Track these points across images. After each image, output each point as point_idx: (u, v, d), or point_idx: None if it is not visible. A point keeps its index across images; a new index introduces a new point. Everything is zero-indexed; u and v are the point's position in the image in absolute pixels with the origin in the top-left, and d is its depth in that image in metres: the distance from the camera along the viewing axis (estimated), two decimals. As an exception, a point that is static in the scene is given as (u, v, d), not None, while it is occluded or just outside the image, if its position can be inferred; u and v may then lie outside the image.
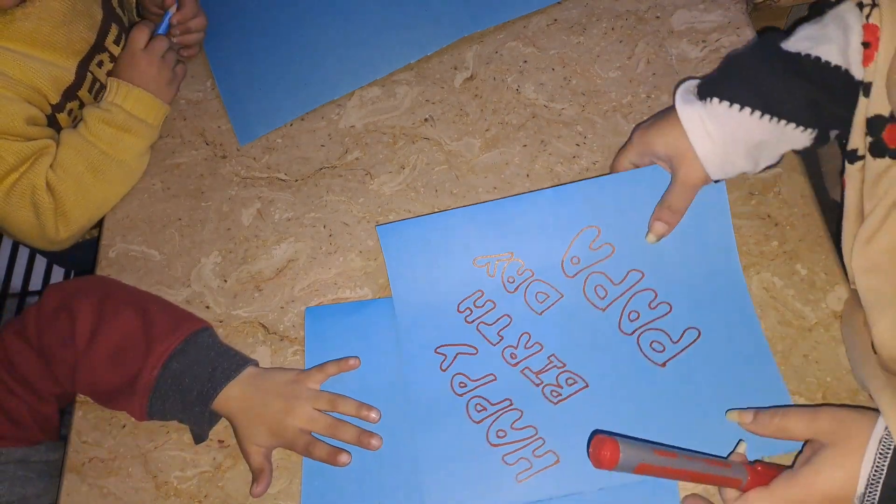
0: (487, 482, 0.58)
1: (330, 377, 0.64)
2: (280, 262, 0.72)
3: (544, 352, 0.62)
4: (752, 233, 0.66)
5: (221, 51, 0.87)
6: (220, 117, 0.82)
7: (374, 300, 0.68)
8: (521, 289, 0.65)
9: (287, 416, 0.61)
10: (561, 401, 0.60)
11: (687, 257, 0.63)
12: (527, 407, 0.60)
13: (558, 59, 0.78)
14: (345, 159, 0.77)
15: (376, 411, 0.61)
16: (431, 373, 0.63)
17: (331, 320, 0.68)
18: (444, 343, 0.64)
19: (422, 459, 0.60)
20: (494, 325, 0.64)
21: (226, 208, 0.76)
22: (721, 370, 0.59)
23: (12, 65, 0.73)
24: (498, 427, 0.60)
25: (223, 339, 0.68)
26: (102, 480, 0.64)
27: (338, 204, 0.75)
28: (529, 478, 0.57)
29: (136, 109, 0.77)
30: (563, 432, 0.59)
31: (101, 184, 0.76)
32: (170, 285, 0.73)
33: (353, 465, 0.61)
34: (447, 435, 0.60)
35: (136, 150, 0.78)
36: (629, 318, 0.62)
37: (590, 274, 0.64)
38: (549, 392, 0.60)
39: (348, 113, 0.80)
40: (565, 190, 0.66)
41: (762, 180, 0.68)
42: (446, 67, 0.80)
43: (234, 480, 0.62)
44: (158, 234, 0.76)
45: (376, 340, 0.66)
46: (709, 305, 0.62)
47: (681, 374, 0.60)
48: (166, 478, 0.63)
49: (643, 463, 0.48)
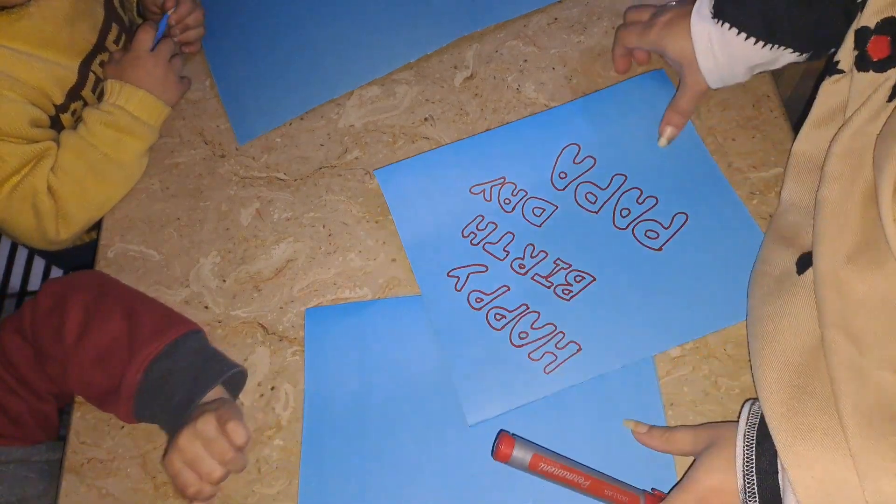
0: (519, 380, 0.62)
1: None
2: (279, 262, 0.72)
3: (550, 257, 0.67)
4: (753, 233, 0.65)
5: (221, 50, 0.87)
6: (219, 117, 0.82)
7: (374, 301, 0.68)
8: (517, 207, 0.70)
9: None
10: (573, 296, 0.65)
11: (660, 153, 0.70)
12: (543, 308, 0.64)
13: (559, 58, 0.78)
14: (344, 159, 0.77)
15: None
16: (448, 295, 0.66)
17: (331, 321, 0.68)
18: (455, 266, 0.68)
19: (455, 375, 0.63)
20: (499, 244, 0.68)
21: (225, 208, 0.76)
22: (712, 244, 0.65)
23: (17, 65, 0.73)
24: (519, 330, 0.64)
25: (223, 340, 0.68)
26: (101, 481, 0.64)
27: (337, 204, 0.74)
28: (556, 368, 0.62)
29: (138, 111, 0.77)
30: (580, 323, 0.63)
31: (101, 186, 0.76)
32: (168, 285, 0.72)
33: (352, 465, 0.60)
34: (474, 348, 0.64)
35: (137, 152, 0.78)
36: (621, 215, 0.67)
37: (578, 184, 0.70)
38: (560, 291, 0.65)
39: (348, 112, 0.79)
40: (542, 116, 0.74)
41: (763, 180, 0.67)
42: (446, 67, 0.80)
43: (233, 481, 0.62)
44: (157, 234, 0.76)
45: (377, 341, 0.66)
46: (690, 190, 0.67)
47: (677, 254, 0.65)
48: (165, 478, 0.63)
49: (536, 454, 0.53)
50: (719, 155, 0.69)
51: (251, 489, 0.62)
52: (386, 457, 0.61)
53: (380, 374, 0.64)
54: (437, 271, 0.68)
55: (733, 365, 0.60)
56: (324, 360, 0.66)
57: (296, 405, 0.65)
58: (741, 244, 0.64)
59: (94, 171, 0.75)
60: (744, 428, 0.52)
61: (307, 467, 0.61)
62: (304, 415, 0.64)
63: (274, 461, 0.63)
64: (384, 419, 0.62)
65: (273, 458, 0.63)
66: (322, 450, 0.62)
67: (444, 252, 0.69)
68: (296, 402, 0.65)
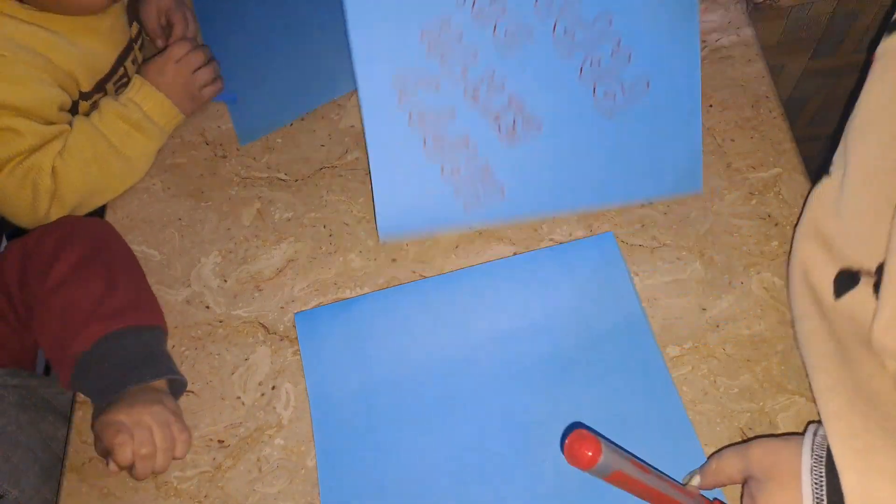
0: (440, 209, 0.64)
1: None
2: (280, 262, 0.72)
3: (505, 92, 0.64)
4: (752, 233, 0.66)
5: (221, 50, 0.87)
6: (221, 117, 0.82)
7: (362, 296, 0.68)
8: (490, 22, 0.63)
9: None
10: (515, 142, 0.65)
11: (652, 6, 0.65)
12: (482, 145, 0.64)
13: (558, 59, 0.78)
14: (345, 159, 0.77)
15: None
16: (389, 105, 0.63)
17: (322, 322, 0.68)
18: (403, 67, 0.62)
19: (376, 187, 0.64)
20: (459, 59, 0.63)
21: (226, 208, 0.76)
22: (661, 120, 0.65)
23: (55, 49, 0.74)
24: (453, 164, 0.64)
25: (224, 339, 0.69)
26: (102, 480, 0.64)
27: (338, 204, 0.75)
28: (476, 207, 0.65)
29: (153, 111, 0.77)
30: (511, 170, 0.65)
31: (103, 176, 0.76)
32: (170, 285, 0.73)
33: (366, 460, 0.61)
34: (402, 165, 0.63)
35: (144, 150, 0.78)
36: (589, 65, 0.64)
37: (561, 14, 0.63)
38: (505, 132, 0.65)
39: (348, 113, 0.80)
40: None
41: (762, 180, 0.68)
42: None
43: (234, 480, 0.62)
44: (158, 234, 0.76)
45: (371, 335, 0.66)
46: (663, 57, 0.65)
47: (625, 124, 0.65)
48: (166, 478, 0.63)
49: (619, 471, 0.44)
50: (718, 155, 0.69)
51: (252, 488, 0.62)
52: (398, 447, 0.61)
53: (380, 367, 0.64)
54: (383, 76, 0.62)
55: (732, 364, 0.61)
56: (321, 362, 0.66)
57: (297, 404, 0.65)
58: (683, 131, 0.65)
59: (99, 161, 0.75)
60: (809, 463, 0.48)
61: (324, 470, 0.61)
62: (311, 417, 0.64)
63: (275, 460, 0.63)
64: (390, 410, 0.62)
65: (274, 457, 0.63)
66: (335, 450, 0.62)
67: (396, 51, 0.62)
68: (297, 401, 0.65)
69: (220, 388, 0.67)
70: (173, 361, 0.66)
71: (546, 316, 0.64)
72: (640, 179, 0.66)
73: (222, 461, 0.63)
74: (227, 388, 0.67)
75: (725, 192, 0.68)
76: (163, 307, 0.71)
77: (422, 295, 0.67)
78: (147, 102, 0.77)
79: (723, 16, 0.77)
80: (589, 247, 0.67)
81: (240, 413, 0.65)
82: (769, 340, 0.61)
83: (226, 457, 0.64)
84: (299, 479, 0.62)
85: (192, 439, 0.64)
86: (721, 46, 0.75)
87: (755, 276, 0.64)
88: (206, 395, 0.67)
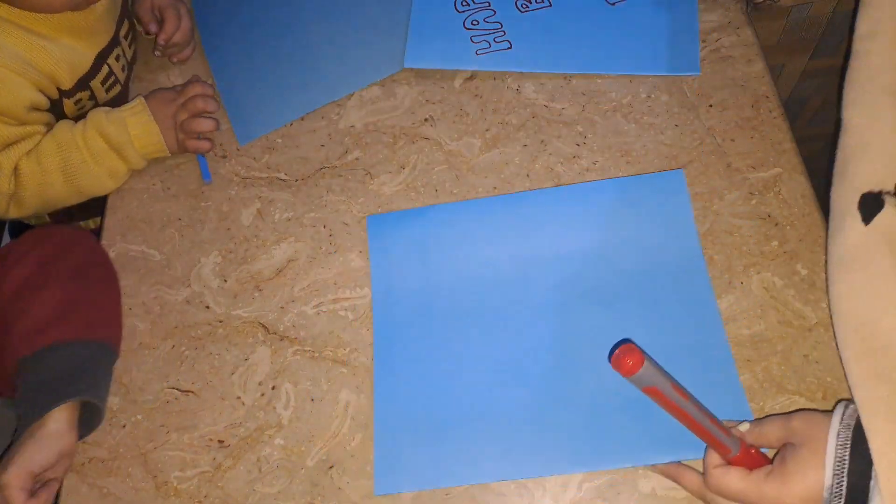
0: (455, 48, 0.79)
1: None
2: (280, 262, 0.72)
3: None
4: (752, 233, 0.66)
5: (221, 51, 0.87)
6: (220, 117, 0.82)
7: (431, 206, 0.72)
8: None
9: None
10: (527, 11, 0.80)
11: None
12: (500, 8, 0.81)
13: (558, 58, 0.78)
14: (345, 159, 0.77)
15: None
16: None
17: (392, 226, 0.71)
18: None
19: (412, 26, 0.81)
20: None
21: (226, 208, 0.76)
22: (660, 10, 0.77)
23: (33, 49, 0.73)
24: (472, 19, 0.80)
25: (224, 339, 0.69)
26: (102, 480, 0.64)
27: (338, 204, 0.75)
28: (486, 53, 0.78)
29: (139, 138, 0.76)
30: (521, 31, 0.79)
31: (66, 186, 0.75)
32: (170, 285, 0.73)
33: (422, 364, 0.64)
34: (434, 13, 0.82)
35: (116, 170, 0.77)
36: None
37: None
38: (520, 5, 0.81)
39: (348, 113, 0.80)
40: None
41: (762, 180, 0.68)
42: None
43: (234, 480, 0.62)
44: (158, 234, 0.76)
45: (438, 243, 0.69)
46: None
47: (627, 10, 0.78)
48: (166, 478, 0.63)
49: (656, 388, 0.47)
50: (718, 155, 0.69)
51: (252, 488, 0.62)
52: (451, 349, 0.64)
53: (442, 274, 0.67)
54: None
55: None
56: (387, 265, 0.69)
57: (297, 404, 0.65)
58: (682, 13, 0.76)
59: (66, 171, 0.74)
60: (837, 427, 0.49)
61: (381, 367, 0.64)
62: (373, 320, 0.67)
63: (275, 460, 0.63)
64: (448, 315, 0.65)
65: (274, 457, 0.63)
66: (391, 349, 0.65)
67: None
68: (297, 401, 0.65)
69: (220, 388, 0.67)
70: (103, 385, 0.64)
71: (607, 242, 0.67)
72: (640, 56, 0.75)
73: (222, 461, 0.63)
74: (227, 388, 0.67)
75: (725, 191, 0.68)
76: (163, 307, 0.71)
77: (491, 210, 0.70)
78: (137, 128, 0.76)
79: (723, 16, 0.77)
80: (658, 181, 0.69)
81: (240, 413, 0.65)
82: (769, 340, 0.61)
83: (226, 457, 0.64)
84: (299, 479, 0.62)
85: (192, 440, 0.64)
86: (721, 46, 0.75)
87: (755, 276, 0.64)
88: (206, 395, 0.67)
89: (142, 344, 0.70)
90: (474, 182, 0.73)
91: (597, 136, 0.73)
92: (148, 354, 0.69)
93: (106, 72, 0.81)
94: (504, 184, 0.72)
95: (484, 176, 0.73)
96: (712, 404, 0.52)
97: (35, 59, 0.73)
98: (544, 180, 0.72)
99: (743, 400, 0.58)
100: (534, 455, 0.59)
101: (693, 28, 0.76)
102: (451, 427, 0.61)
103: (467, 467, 0.59)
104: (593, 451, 0.58)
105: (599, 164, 0.71)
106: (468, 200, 0.71)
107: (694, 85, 0.74)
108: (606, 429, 0.59)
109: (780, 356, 0.60)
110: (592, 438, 0.59)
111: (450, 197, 0.72)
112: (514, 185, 0.72)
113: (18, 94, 0.72)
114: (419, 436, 0.61)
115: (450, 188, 0.73)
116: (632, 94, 0.74)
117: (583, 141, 0.73)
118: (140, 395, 0.68)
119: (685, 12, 0.77)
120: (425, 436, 0.61)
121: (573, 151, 0.73)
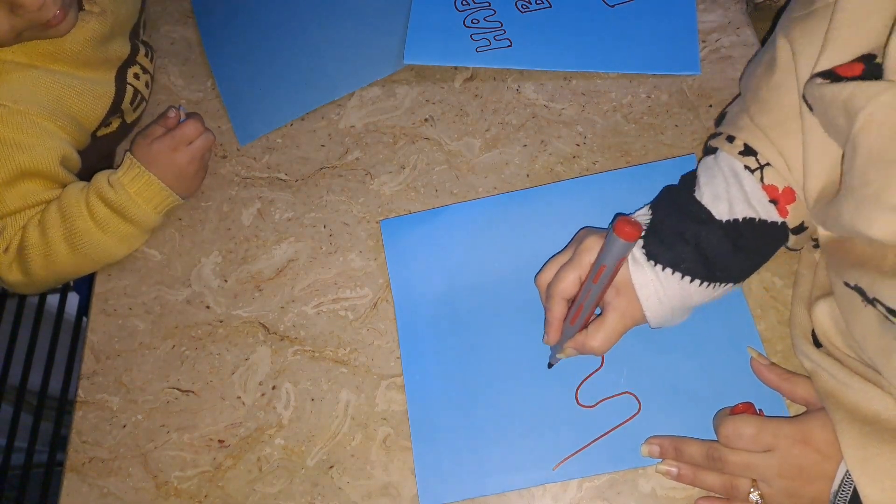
0: (455, 45, 0.79)
1: None
2: (280, 262, 0.72)
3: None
4: (752, 233, 0.66)
5: (221, 51, 0.87)
6: (221, 117, 0.82)
7: (444, 207, 0.71)
8: None
9: None
10: (527, 11, 0.80)
11: None
12: (500, 8, 0.81)
13: (558, 59, 0.78)
14: (345, 159, 0.77)
15: None
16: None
17: (406, 229, 0.71)
18: None
19: (412, 19, 0.81)
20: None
21: (226, 208, 0.77)
22: (659, 11, 0.78)
23: (56, 87, 0.70)
24: (472, 18, 0.81)
25: (224, 339, 0.69)
26: (102, 480, 0.64)
27: (338, 204, 0.75)
28: (487, 51, 0.78)
29: (140, 194, 0.71)
30: (522, 30, 0.79)
31: (73, 256, 0.71)
32: (170, 285, 0.73)
33: (450, 363, 0.64)
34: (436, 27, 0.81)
35: (125, 235, 0.73)
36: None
37: None
38: (520, 5, 0.81)
39: (348, 113, 0.80)
40: None
41: (762, 180, 0.68)
42: (446, 67, 0.80)
43: (234, 480, 0.62)
44: (159, 234, 0.76)
45: (453, 243, 0.69)
46: None
47: (626, 11, 0.79)
48: (166, 478, 0.63)
49: (608, 267, 0.52)
50: (718, 155, 0.69)
51: (252, 488, 0.62)
52: (483, 355, 0.64)
53: (460, 273, 0.67)
54: None
55: (732, 364, 0.61)
56: (404, 269, 0.69)
57: (297, 404, 0.65)
58: (676, 41, 0.75)
59: (71, 241, 0.70)
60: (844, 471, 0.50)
61: (409, 368, 0.64)
62: (396, 319, 0.67)
63: (275, 460, 0.63)
64: (475, 318, 0.65)
65: (274, 456, 0.63)
66: (421, 359, 0.65)
67: None
68: (297, 401, 0.65)
69: (221, 388, 0.67)
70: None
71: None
72: (640, 55, 0.76)
73: (222, 461, 0.63)
74: (228, 388, 0.67)
75: (725, 192, 0.68)
76: (163, 307, 0.71)
77: (508, 207, 0.70)
78: (134, 184, 0.71)
79: (723, 16, 0.77)
80: (670, 168, 0.69)
81: (240, 413, 0.65)
82: (769, 340, 0.61)
83: (226, 457, 0.64)
84: (299, 479, 0.62)
85: (193, 440, 0.64)
86: (721, 46, 0.75)
87: (755, 275, 0.64)
88: (206, 395, 0.67)
89: (142, 344, 0.70)
90: (474, 182, 0.73)
91: (597, 136, 0.73)
92: (148, 354, 0.69)
93: (132, 92, 0.79)
94: (504, 184, 0.72)
95: (484, 176, 0.73)
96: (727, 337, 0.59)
97: (60, 98, 0.71)
98: (544, 180, 0.72)
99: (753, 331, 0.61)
100: (572, 458, 0.59)
101: (693, 28, 0.76)
102: (488, 432, 0.61)
103: (508, 474, 0.59)
104: (627, 449, 0.58)
105: (599, 164, 0.72)
106: (484, 198, 0.71)
107: (694, 85, 0.74)
108: (639, 422, 0.59)
109: (780, 356, 0.60)
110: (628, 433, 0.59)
111: (450, 197, 0.73)
112: (514, 185, 0.72)
113: (50, 145, 0.69)
114: (458, 444, 0.61)
115: (450, 188, 0.73)
116: (632, 94, 0.75)
117: (583, 141, 0.73)
118: (140, 395, 0.68)
119: (685, 12, 0.77)
120: (464, 443, 0.61)
121: (573, 151, 0.73)
